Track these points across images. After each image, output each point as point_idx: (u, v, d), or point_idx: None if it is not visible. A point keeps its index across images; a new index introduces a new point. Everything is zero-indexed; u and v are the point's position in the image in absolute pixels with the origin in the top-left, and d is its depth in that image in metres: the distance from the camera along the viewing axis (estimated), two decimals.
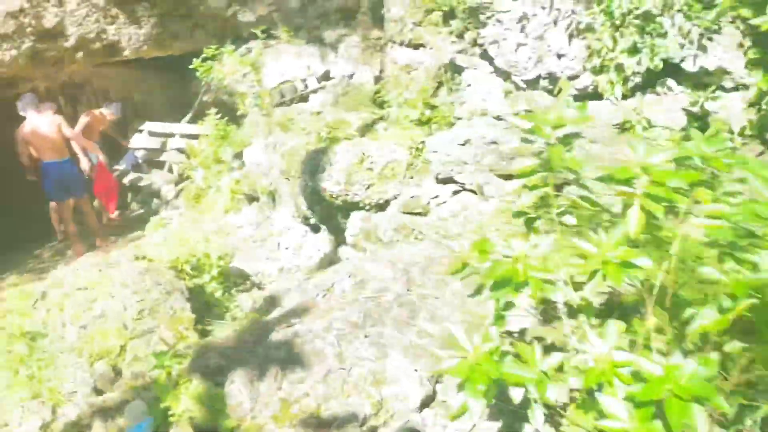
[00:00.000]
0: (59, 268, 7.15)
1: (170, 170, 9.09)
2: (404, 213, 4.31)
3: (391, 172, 4.50)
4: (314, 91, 8.57)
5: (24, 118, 7.57)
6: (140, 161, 9.27)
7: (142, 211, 8.97)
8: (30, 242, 9.38)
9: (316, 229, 5.97)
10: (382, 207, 4.52)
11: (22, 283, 6.84)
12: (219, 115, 7.81)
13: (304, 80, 8.65)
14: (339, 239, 5.27)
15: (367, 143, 4.78)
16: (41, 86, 9.05)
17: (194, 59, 9.07)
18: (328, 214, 5.10)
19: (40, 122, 7.14)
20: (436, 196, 4.18)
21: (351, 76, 8.88)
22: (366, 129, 5.77)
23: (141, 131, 9.61)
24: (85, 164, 7.67)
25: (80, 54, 8.26)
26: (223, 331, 3.50)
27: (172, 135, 9.24)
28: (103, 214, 8.50)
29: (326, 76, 8.78)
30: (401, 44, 5.58)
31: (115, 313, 3.74)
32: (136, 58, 9.24)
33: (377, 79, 6.17)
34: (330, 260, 5.11)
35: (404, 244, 3.90)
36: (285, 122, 7.93)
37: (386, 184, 4.48)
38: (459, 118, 4.49)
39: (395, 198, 4.44)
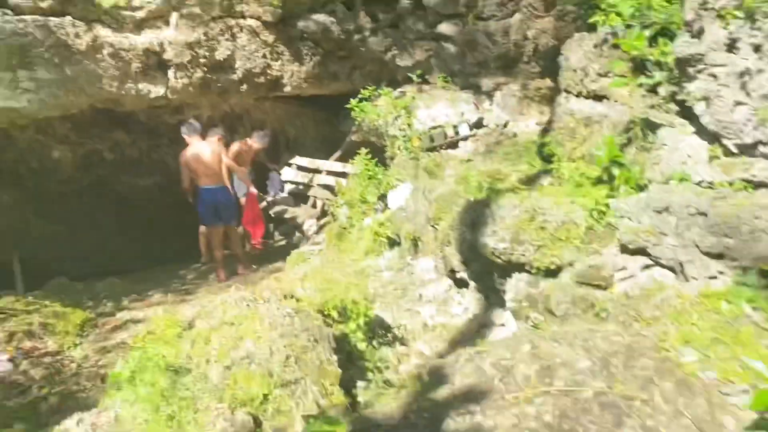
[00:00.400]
0: (201, 292, 7.22)
1: (314, 205, 9.06)
2: (580, 283, 3.77)
3: (566, 234, 3.99)
4: (465, 138, 8.24)
5: (186, 142, 7.83)
6: (286, 194, 9.32)
7: (284, 242, 8.98)
8: (175, 261, 9.67)
9: (461, 283, 5.52)
10: (552, 273, 4.01)
11: (166, 302, 6.91)
12: (369, 156, 7.64)
13: (455, 126, 8.35)
14: (492, 300, 4.78)
15: (537, 199, 4.30)
16: (205, 114, 9.41)
17: (349, 99, 9.11)
18: (483, 270, 4.64)
19: (202, 148, 7.32)
20: (623, 269, 3.62)
21: (505, 125, 8.47)
22: (529, 182, 5.29)
23: (290, 165, 9.72)
24: (237, 193, 7.79)
25: (245, 86, 8.48)
26: (377, 399, 3.14)
27: (319, 171, 9.25)
28: (245, 242, 8.56)
29: (479, 124, 8.43)
30: (579, 95, 5.09)
31: (261, 356, 3.47)
32: (294, 95, 9.39)
33: (545, 132, 5.70)
34: (481, 322, 4.63)
35: (584, 322, 3.36)
36: (432, 168, 7.62)
37: (560, 247, 3.97)
38: (651, 182, 3.92)
39: (570, 265, 3.92)
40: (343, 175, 8.80)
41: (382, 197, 7.66)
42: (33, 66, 7.26)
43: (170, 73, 8.00)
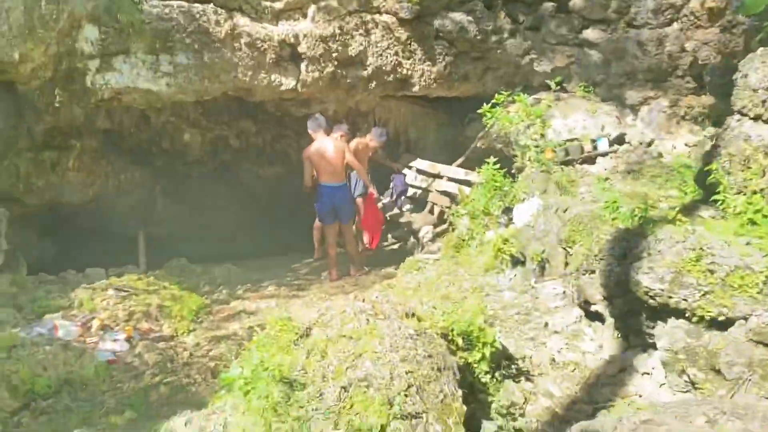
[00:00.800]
0: (313, 289, 7.09)
1: (431, 211, 8.73)
2: (757, 342, 3.19)
3: (740, 282, 3.41)
4: (604, 155, 7.60)
5: (310, 137, 7.73)
6: (404, 197, 9.06)
7: (396, 246, 8.73)
8: (289, 253, 9.65)
9: (594, 317, 4.98)
10: (720, 325, 3.44)
11: (278, 296, 6.83)
12: (498, 165, 7.19)
13: (593, 141, 7.73)
14: (633, 342, 4.24)
15: (703, 235, 3.73)
16: (330, 109, 9.32)
17: (477, 103, 8.70)
18: (628, 309, 4.11)
19: (327, 144, 7.18)
20: None
21: (650, 144, 7.75)
22: (685, 213, 4.67)
23: (410, 167, 9.44)
24: (354, 192, 7.62)
25: (373, 83, 8.29)
26: None
27: (439, 176, 8.90)
28: (359, 243, 8.37)
29: (620, 140, 7.77)
30: (757, 119, 4.42)
31: (381, 380, 3.17)
32: (421, 95, 9.11)
33: (708, 156, 5.04)
34: (621, 366, 4.10)
35: (763, 391, 2.80)
36: (565, 183, 7.05)
37: (731, 295, 3.39)
38: None
39: (744, 318, 3.34)
40: (466, 182, 8.40)
41: (507, 210, 7.19)
42: (174, 51, 7.41)
43: (302, 65, 7.94)
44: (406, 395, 3.08)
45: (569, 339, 4.81)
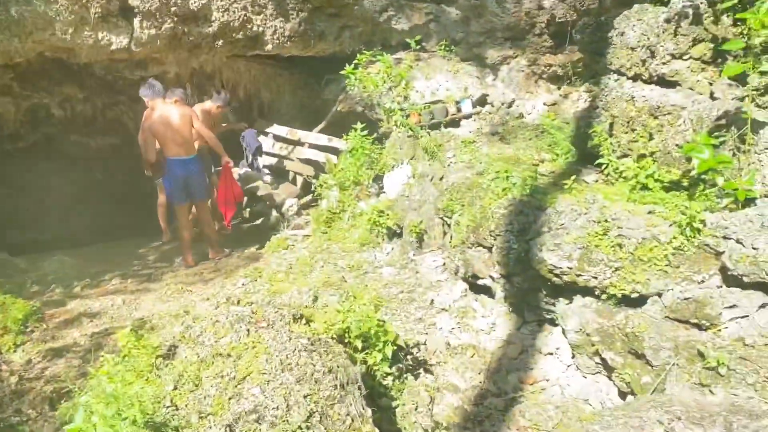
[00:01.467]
0: (166, 278, 6.19)
1: (293, 182, 8.05)
2: (674, 320, 3.00)
3: (648, 255, 3.19)
4: (468, 116, 7.35)
5: (147, 106, 6.69)
6: (260, 156, 8.27)
7: (258, 222, 7.96)
8: (132, 236, 8.56)
9: (480, 289, 4.70)
10: (633, 303, 3.22)
11: (125, 291, 5.87)
12: (366, 132, 6.68)
13: (457, 102, 7.44)
14: (529, 318, 3.97)
15: (606, 205, 3.48)
16: (171, 71, 8.21)
17: (334, 63, 8.09)
18: (529, 287, 3.81)
19: (171, 112, 6.21)
20: (733, 306, 2.85)
21: (510, 104, 7.63)
22: (564, 178, 4.45)
23: (266, 134, 8.64)
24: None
25: (220, 42, 7.33)
26: None
27: (300, 143, 8.21)
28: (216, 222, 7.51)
29: (482, 101, 7.56)
30: (636, 78, 4.26)
31: (275, 411, 2.56)
32: (274, 55, 8.29)
33: (587, 118, 4.86)
34: (522, 347, 3.82)
35: (694, 378, 2.58)
36: (433, 148, 6.71)
37: (643, 271, 3.17)
38: (756, 195, 3.14)
39: (659, 295, 3.13)
40: (330, 150, 7.80)
41: (377, 179, 6.74)
42: None
43: (136, 21, 6.78)
44: (307, 427, 2.51)
45: (459, 317, 4.48)
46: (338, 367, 2.85)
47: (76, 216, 10.97)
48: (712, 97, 3.73)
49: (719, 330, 2.84)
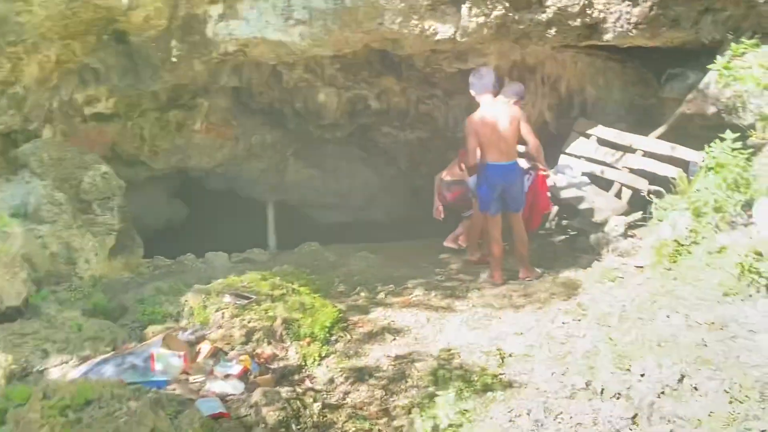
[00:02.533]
0: (472, 296, 5.48)
1: (618, 195, 6.76)
2: None
3: None
4: None
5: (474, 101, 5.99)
6: (579, 175, 7.14)
7: (565, 236, 6.88)
8: (434, 236, 8.12)
9: None
10: None
11: (429, 305, 5.30)
12: (739, 143, 5.11)
13: None
14: None
15: None
16: (491, 63, 7.49)
17: (682, 56, 6.58)
18: None
19: (498, 112, 5.43)
20: None
21: None
22: None
23: (588, 136, 7.46)
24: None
25: (552, 31, 6.34)
26: None
27: (632, 149, 6.87)
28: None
29: None
30: None
31: None
32: (610, 46, 7.04)
33: None
34: None
35: None
36: None
37: None
38: None
39: None
40: (671, 161, 6.35)
41: (746, 206, 5.13)
42: None
43: (464, 9, 6.15)
44: None
45: None
46: None
47: (377, 203, 11.16)
48: None
49: None
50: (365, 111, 8.75)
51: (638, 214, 6.52)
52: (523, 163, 6.15)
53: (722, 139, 5.18)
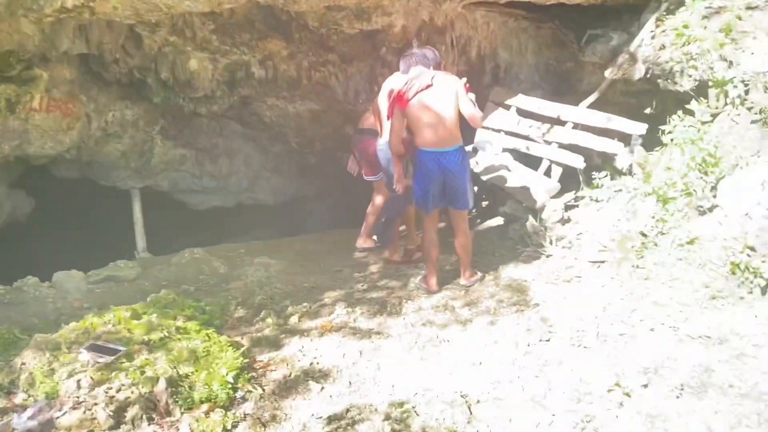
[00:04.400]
0: (406, 311, 4.41)
1: (548, 173, 5.95)
2: None
3: None
4: None
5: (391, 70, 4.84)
6: (501, 152, 6.25)
7: (499, 223, 6.01)
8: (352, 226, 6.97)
9: None
10: None
11: (351, 326, 4.17)
12: (708, 117, 4.39)
13: None
14: None
15: None
16: (398, 24, 6.36)
17: (603, 14, 5.85)
18: None
19: (434, 82, 4.30)
20: None
21: None
22: None
23: (507, 107, 6.58)
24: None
25: None
26: None
27: (560, 121, 6.07)
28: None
29: None
30: None
31: None
32: (527, 2, 6.15)
33: None
34: None
35: None
36: None
37: None
38: None
39: None
40: (608, 134, 5.61)
41: (711, 188, 4.46)
42: None
43: None
44: None
45: None
46: None
47: (263, 183, 9.81)
48: None
49: None
50: (247, 80, 7.30)
51: (571, 195, 5.77)
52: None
53: (686, 112, 4.44)
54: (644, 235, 4.25)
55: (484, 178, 5.97)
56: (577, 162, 5.59)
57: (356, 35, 6.49)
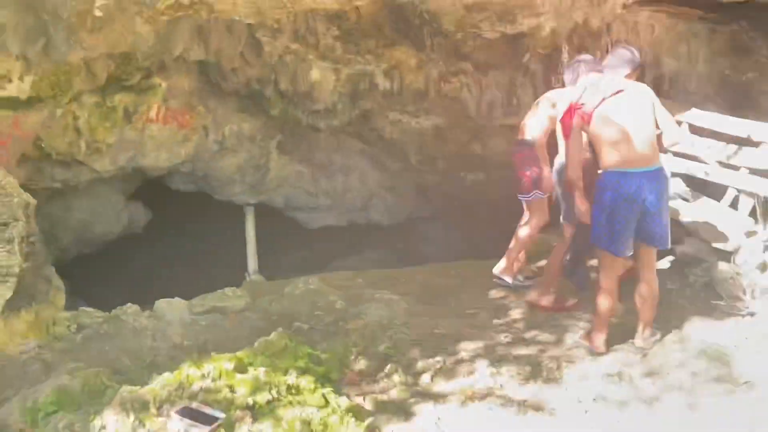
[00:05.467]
0: (567, 371, 3.43)
1: (734, 206, 4.74)
2: None
3: None
4: None
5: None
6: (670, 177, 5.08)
7: (666, 265, 4.85)
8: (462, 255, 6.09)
9: None
10: None
11: (504, 397, 3.24)
12: None
13: None
14: None
15: None
16: (546, 26, 5.42)
17: None
18: None
19: (620, 100, 3.32)
20: None
21: None
22: None
23: (678, 123, 5.42)
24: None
25: None
26: None
27: (752, 142, 4.85)
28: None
29: None
30: None
31: None
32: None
33: None
34: None
35: None
36: None
37: None
38: None
39: None
40: None
41: None
42: None
43: None
44: None
45: None
46: None
47: (378, 202, 9.15)
48: None
49: None
50: (370, 92, 6.62)
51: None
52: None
53: None
54: None
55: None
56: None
57: (496, 40, 5.62)
